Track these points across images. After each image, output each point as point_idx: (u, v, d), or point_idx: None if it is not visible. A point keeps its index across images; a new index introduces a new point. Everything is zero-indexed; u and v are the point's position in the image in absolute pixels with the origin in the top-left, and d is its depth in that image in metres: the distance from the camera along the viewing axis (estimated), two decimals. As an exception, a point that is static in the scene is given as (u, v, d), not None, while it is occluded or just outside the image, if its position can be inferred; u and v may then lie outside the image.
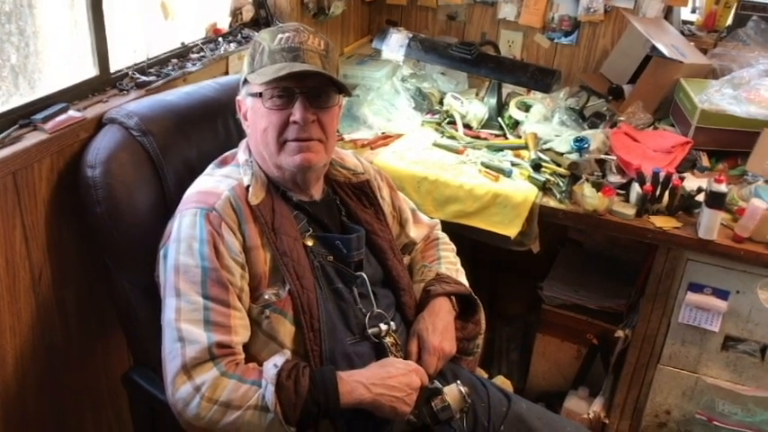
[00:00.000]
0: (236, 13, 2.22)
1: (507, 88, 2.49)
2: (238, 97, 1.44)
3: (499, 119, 2.40)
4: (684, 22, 2.64)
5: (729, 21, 2.54)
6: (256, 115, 1.37)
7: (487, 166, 2.11)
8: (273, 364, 1.25)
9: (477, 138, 2.32)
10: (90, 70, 1.66)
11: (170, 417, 1.26)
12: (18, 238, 1.41)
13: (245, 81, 1.39)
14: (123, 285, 1.48)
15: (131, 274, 1.47)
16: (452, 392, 1.35)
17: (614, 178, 2.05)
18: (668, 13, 2.53)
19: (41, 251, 1.48)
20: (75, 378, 1.64)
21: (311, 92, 1.33)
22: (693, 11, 2.66)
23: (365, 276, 1.44)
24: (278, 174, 1.40)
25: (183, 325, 1.25)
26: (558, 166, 2.10)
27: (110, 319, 1.64)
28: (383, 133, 2.30)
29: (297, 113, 1.32)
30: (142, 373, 1.50)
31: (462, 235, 1.97)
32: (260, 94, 1.34)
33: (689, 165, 2.15)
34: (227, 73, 2.03)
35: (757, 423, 2.06)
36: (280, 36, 1.35)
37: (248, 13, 2.24)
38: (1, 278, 1.38)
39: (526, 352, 2.51)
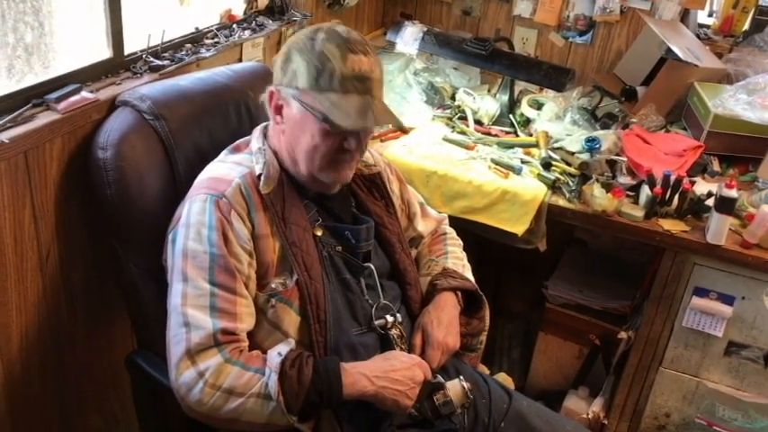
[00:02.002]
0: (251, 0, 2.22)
1: (520, 85, 2.48)
2: (278, 90, 1.35)
3: (511, 116, 2.39)
4: (701, 26, 2.63)
5: (746, 26, 2.53)
6: (303, 126, 1.32)
7: (497, 163, 2.10)
8: (278, 353, 1.25)
9: (488, 134, 2.32)
10: (104, 52, 1.65)
11: (172, 401, 1.26)
12: (27, 217, 1.41)
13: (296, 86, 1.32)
14: (130, 268, 1.47)
15: (139, 257, 1.46)
16: (455, 387, 1.36)
17: (624, 179, 2.05)
18: (685, 16, 2.51)
19: (50, 231, 1.48)
20: (78, 359, 1.65)
21: None
22: (710, 14, 2.65)
23: (373, 267, 1.44)
24: (304, 176, 1.38)
25: (188, 310, 1.25)
26: (569, 165, 2.10)
27: (115, 301, 1.64)
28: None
29: (353, 144, 1.33)
30: (145, 357, 1.49)
31: (468, 231, 1.97)
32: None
33: (700, 169, 2.15)
34: (240, 60, 2.02)
35: (757, 430, 2.06)
36: (351, 57, 1.28)
37: (263, 1, 2.24)
38: (9, 257, 1.39)
39: (527, 350, 2.52)
